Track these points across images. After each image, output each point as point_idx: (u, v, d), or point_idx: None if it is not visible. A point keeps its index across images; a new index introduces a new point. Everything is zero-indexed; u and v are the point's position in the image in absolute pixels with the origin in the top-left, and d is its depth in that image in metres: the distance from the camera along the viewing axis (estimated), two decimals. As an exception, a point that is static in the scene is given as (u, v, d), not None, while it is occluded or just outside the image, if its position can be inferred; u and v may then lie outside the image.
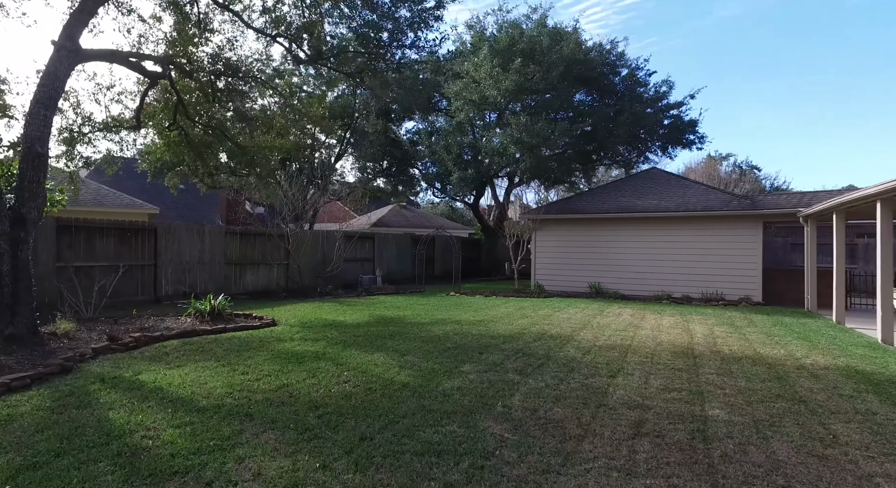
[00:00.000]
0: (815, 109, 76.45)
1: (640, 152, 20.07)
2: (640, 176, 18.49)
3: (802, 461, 3.71)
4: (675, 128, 19.09)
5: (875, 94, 72.37)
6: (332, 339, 8.23)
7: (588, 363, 6.72)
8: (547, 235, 17.05)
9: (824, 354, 7.46)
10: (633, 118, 18.00)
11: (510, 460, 3.67)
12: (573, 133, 16.36)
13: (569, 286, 16.67)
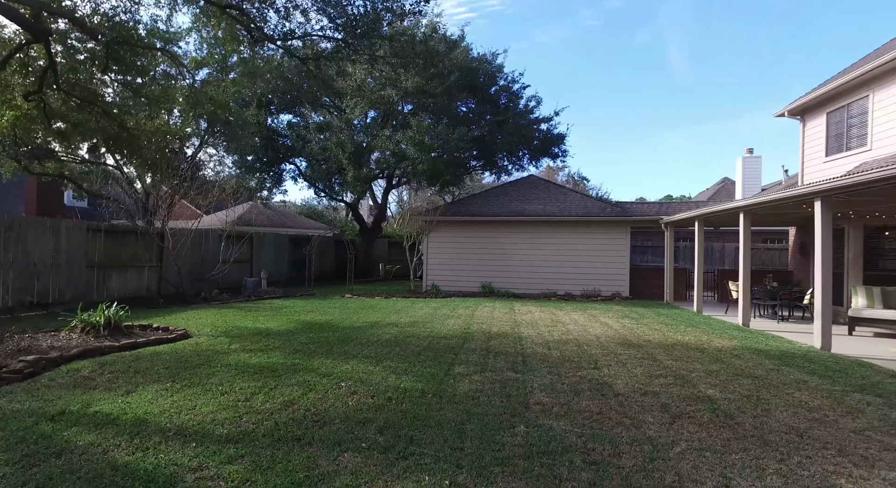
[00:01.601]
0: (624, 133, 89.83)
1: (516, 160, 21.65)
2: (521, 182, 19.97)
3: (802, 420, 4.54)
4: (547, 140, 21.03)
5: (656, 121, 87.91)
6: (281, 349, 7.50)
7: (562, 358, 7.19)
8: (440, 237, 17.47)
9: (720, 338, 9.03)
10: (515, 128, 19.39)
11: (609, 453, 3.86)
12: (468, 138, 17.03)
13: (462, 286, 17.31)
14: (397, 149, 16.26)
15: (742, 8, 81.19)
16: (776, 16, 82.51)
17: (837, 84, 12.67)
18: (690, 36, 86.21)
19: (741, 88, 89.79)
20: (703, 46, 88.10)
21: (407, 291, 17.02)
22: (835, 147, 13.29)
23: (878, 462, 3.78)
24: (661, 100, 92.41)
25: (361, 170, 16.86)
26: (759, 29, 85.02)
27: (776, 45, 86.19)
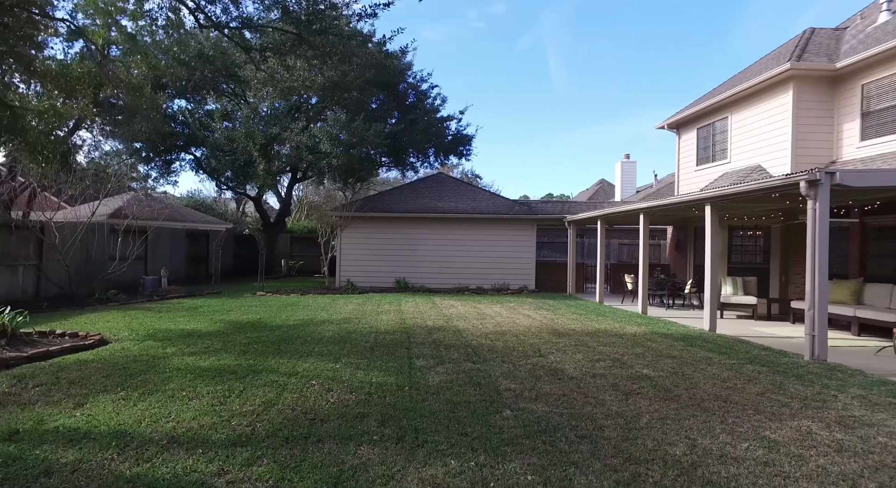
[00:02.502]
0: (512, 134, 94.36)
1: (424, 158, 22.07)
2: (432, 180, 20.45)
3: (722, 389, 5.50)
4: (456, 140, 21.74)
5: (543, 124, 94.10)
6: (226, 351, 7.22)
7: (507, 348, 7.75)
8: (354, 233, 17.38)
9: (630, 325, 10.25)
10: (426, 127, 19.81)
11: (593, 428, 4.40)
12: (383, 135, 17.07)
13: (377, 281, 17.39)
14: (312, 142, 15.84)
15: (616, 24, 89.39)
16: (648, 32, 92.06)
17: (704, 105, 14.78)
18: (568, 45, 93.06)
19: (615, 96, 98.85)
20: (580, 55, 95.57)
21: (322, 288, 16.73)
22: (704, 158, 15.48)
23: (783, 415, 4.76)
24: (542, 103, 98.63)
25: (273, 163, 16.17)
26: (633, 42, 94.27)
27: (650, 57, 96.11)
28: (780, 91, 12.42)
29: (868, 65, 11.16)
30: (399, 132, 18.31)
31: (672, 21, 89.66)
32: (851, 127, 11.63)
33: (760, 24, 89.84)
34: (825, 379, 6.06)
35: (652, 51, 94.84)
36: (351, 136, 15.29)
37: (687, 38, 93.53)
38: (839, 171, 7.10)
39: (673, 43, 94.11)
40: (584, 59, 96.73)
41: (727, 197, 9.16)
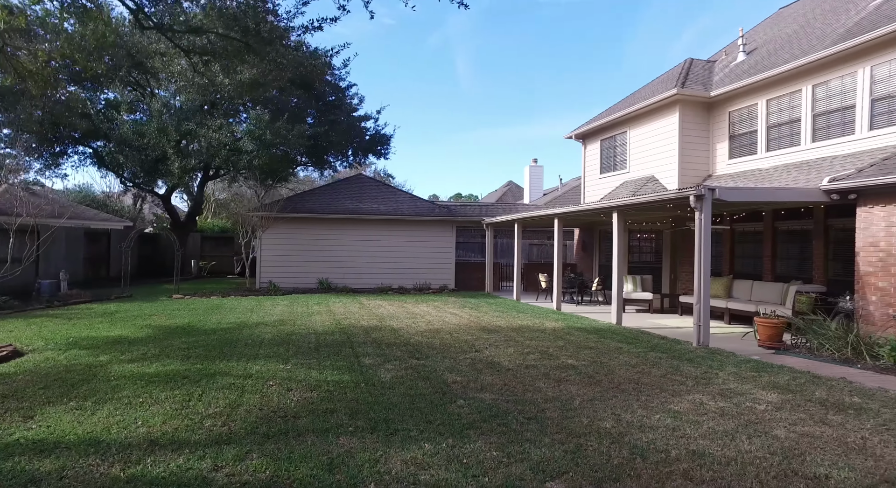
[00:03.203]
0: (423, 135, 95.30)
1: (343, 158, 22.06)
2: (353, 180, 20.56)
3: (633, 373, 6.51)
4: (375, 140, 21.98)
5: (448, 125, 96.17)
6: (167, 356, 7.16)
7: (445, 345, 8.36)
8: (276, 233, 17.11)
9: (548, 320, 11.30)
10: (347, 127, 19.88)
11: (537, 411, 5.12)
12: (305, 136, 16.92)
13: (299, 282, 17.28)
14: (231, 141, 15.36)
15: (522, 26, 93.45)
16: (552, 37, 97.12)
17: (606, 120, 16.42)
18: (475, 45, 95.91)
19: (521, 98, 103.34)
20: (487, 56, 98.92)
21: (242, 289, 16.33)
22: (606, 167, 17.17)
23: (681, 391, 5.81)
24: (450, 102, 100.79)
25: (189, 160, 15.46)
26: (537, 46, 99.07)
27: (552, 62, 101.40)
28: (668, 112, 14.19)
29: (732, 96, 13.15)
30: (322, 133, 18.26)
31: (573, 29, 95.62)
32: (722, 146, 13.63)
33: (651, 33, 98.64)
34: (709, 360, 7.33)
35: (554, 55, 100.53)
36: (274, 137, 15.07)
37: (587, 46, 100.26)
38: (718, 188, 8.51)
39: (574, 51, 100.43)
40: (490, 61, 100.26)
41: (632, 206, 10.47)
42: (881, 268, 8.15)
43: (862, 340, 7.56)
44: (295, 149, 17.33)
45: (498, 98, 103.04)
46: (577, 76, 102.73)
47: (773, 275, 11.61)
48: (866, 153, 9.88)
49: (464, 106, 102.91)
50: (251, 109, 16.24)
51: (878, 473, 3.70)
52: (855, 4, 12.27)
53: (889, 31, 9.52)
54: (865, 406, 5.27)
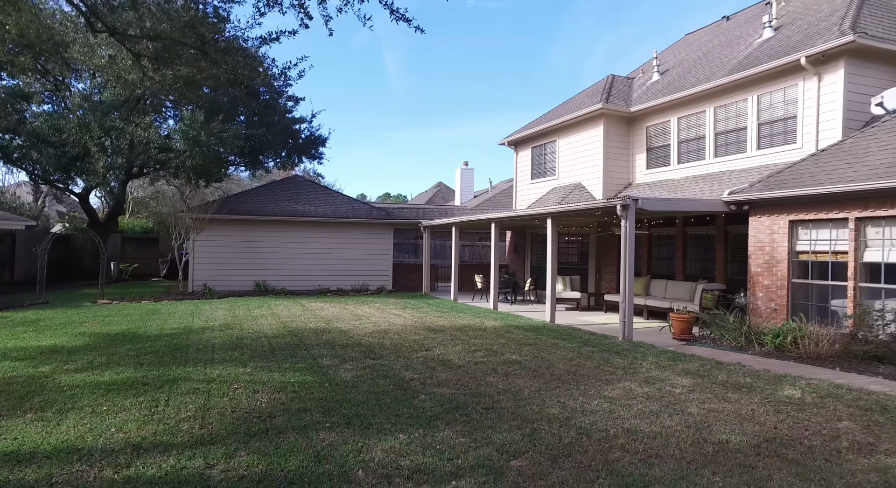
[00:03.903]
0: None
1: (279, 159, 21.69)
2: (286, 182, 20.33)
3: (571, 366, 7.29)
4: (310, 141, 21.81)
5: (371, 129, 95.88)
6: (118, 364, 7.08)
7: (396, 345, 8.79)
8: (210, 234, 16.67)
9: (488, 319, 12.01)
10: (283, 128, 19.63)
11: (492, 402, 5.71)
12: (242, 137, 16.56)
13: (235, 285, 16.94)
14: (162, 140, 14.76)
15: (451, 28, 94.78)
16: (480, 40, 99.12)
17: (537, 129, 17.50)
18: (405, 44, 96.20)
19: (450, 99, 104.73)
20: (418, 58, 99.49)
21: (175, 293, 15.78)
22: (537, 173, 18.26)
23: (612, 380, 6.65)
24: (380, 102, 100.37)
25: (116, 158, 14.67)
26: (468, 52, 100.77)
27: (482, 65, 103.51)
28: (594, 124, 15.42)
29: (649, 112, 14.58)
30: (259, 134, 17.94)
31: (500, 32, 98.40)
32: (641, 158, 15.04)
33: (572, 41, 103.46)
34: (634, 353, 8.31)
35: (482, 58, 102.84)
36: (209, 137, 14.68)
37: (512, 50, 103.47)
38: (641, 199, 9.58)
39: (501, 54, 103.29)
40: (421, 61, 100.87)
41: (565, 213, 11.42)
42: (766, 269, 9.56)
43: (752, 330, 8.87)
44: (230, 150, 16.94)
45: (427, 98, 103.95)
46: (503, 79, 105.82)
47: (684, 275, 13.06)
48: (755, 169, 11.42)
49: (392, 105, 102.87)
50: (184, 109, 15.68)
51: (762, 435, 4.63)
52: (744, 40, 14.00)
53: (768, 67, 11.11)
54: (754, 384, 6.35)
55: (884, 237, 8.05)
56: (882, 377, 6.77)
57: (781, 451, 4.29)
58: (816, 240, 8.94)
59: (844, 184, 8.04)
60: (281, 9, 6.41)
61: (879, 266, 8.11)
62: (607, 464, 4.03)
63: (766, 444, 4.44)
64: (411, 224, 18.77)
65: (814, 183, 8.61)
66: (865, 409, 5.38)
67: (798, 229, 9.21)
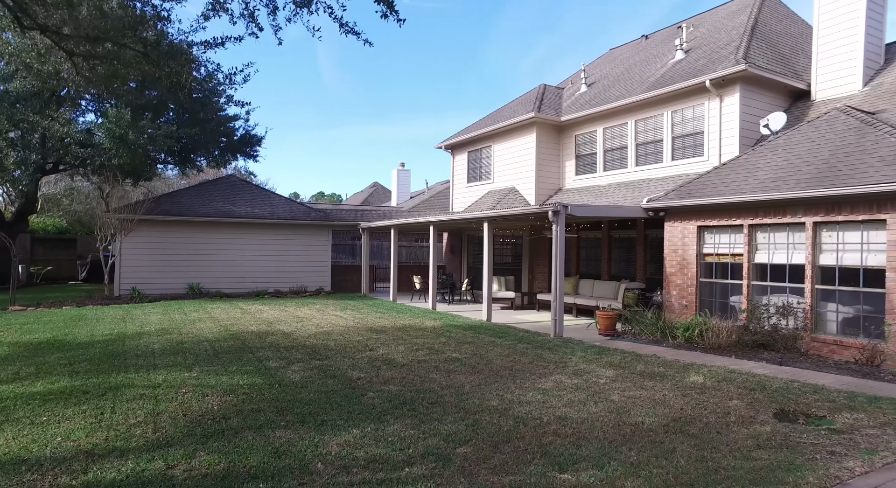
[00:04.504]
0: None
1: (212, 158, 20.97)
2: (221, 182, 19.75)
3: (507, 362, 7.86)
4: (245, 140, 21.26)
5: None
6: (51, 373, 6.88)
7: (340, 345, 9.02)
8: (139, 236, 15.96)
9: (428, 319, 12.43)
10: (217, 125, 19.06)
11: (437, 397, 6.13)
12: (174, 136, 15.94)
13: (166, 288, 16.33)
14: (84, 137, 13.95)
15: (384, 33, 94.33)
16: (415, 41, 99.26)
17: (473, 134, 18.17)
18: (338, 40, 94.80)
19: (386, 99, 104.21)
20: (353, 56, 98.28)
21: (100, 297, 15.01)
22: (473, 177, 18.94)
23: (545, 374, 7.28)
24: (313, 99, 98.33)
25: (30, 154, 13.69)
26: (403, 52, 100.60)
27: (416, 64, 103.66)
28: (527, 132, 16.26)
29: (578, 122, 15.60)
30: (193, 133, 17.33)
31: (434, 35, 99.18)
32: (570, 164, 16.04)
33: (504, 46, 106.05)
34: (564, 348, 9.03)
35: (420, 59, 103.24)
36: (138, 136, 14.06)
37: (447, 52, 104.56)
38: (570, 206, 10.36)
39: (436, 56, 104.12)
40: (355, 59, 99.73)
41: (501, 217, 12.06)
42: (679, 270, 10.65)
43: (667, 325, 9.88)
44: (161, 149, 16.28)
45: (362, 97, 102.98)
46: (439, 81, 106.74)
47: (609, 275, 14.12)
48: (671, 178, 12.61)
49: (326, 103, 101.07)
50: (108, 104, 14.89)
51: (670, 416, 5.38)
52: (661, 59, 15.32)
53: (679, 87, 12.32)
54: (666, 373, 7.20)
55: (769, 241, 9.27)
56: (765, 362, 7.86)
57: (685, 428, 5.02)
58: (719, 244, 10.08)
59: (740, 196, 9.17)
60: (232, 18, 6.48)
61: (766, 266, 9.32)
62: (542, 447, 4.57)
63: (673, 423, 5.16)
64: (350, 225, 18.86)
65: (717, 193, 9.73)
66: (750, 389, 6.32)
67: (705, 234, 10.34)
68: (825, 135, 9.40)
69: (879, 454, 4.42)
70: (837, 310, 8.45)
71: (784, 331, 8.69)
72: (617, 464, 4.17)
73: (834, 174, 8.30)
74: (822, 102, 11.78)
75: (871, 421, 5.26)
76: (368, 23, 19.28)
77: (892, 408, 5.64)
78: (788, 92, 12.37)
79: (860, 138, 8.76)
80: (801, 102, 12.28)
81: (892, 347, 7.58)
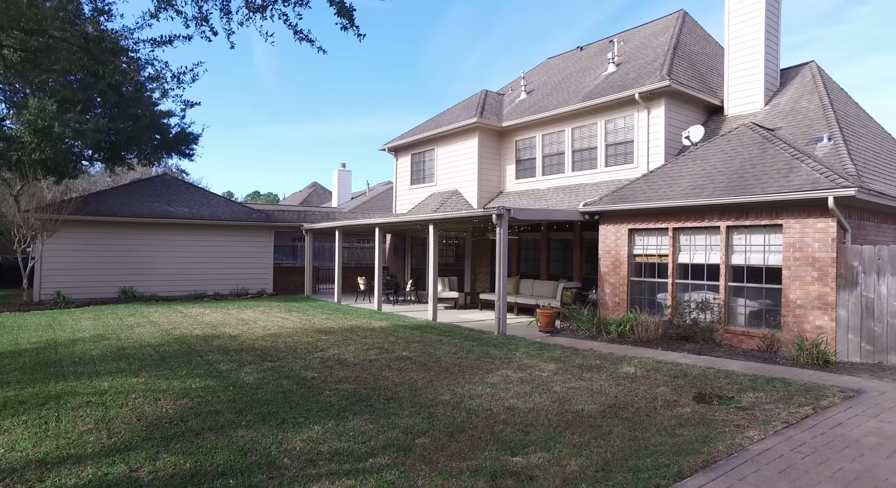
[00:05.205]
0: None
1: (144, 156, 19.93)
2: (155, 181, 18.89)
3: (456, 359, 8.25)
4: (180, 138, 20.40)
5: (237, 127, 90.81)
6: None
7: (290, 347, 9.06)
8: (64, 237, 15.03)
9: (375, 320, 12.61)
10: (151, 121, 18.19)
11: (391, 393, 6.40)
12: (105, 130, 15.05)
13: (96, 292, 15.48)
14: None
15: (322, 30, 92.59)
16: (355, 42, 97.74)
17: (417, 137, 18.50)
18: (277, 38, 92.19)
19: (324, 98, 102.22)
20: (290, 52, 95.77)
21: (17, 303, 14.01)
22: (417, 179, 19.26)
23: (492, 369, 7.72)
24: (248, 95, 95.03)
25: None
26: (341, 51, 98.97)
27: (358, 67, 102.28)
28: (469, 136, 16.78)
29: (518, 128, 16.30)
30: (127, 129, 16.45)
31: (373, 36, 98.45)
32: (511, 168, 16.71)
33: (445, 48, 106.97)
34: (508, 345, 9.54)
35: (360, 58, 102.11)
36: (63, 129, 13.24)
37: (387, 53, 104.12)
38: (513, 209, 10.91)
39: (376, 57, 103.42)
40: (293, 55, 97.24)
41: (446, 220, 12.45)
42: (612, 270, 11.47)
43: (602, 321, 10.64)
44: (88, 145, 15.38)
45: (301, 94, 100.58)
46: (380, 81, 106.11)
47: (548, 275, 14.87)
48: (605, 183, 13.50)
49: (262, 100, 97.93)
50: (26, 94, 13.90)
51: (607, 403, 5.95)
52: (595, 70, 16.31)
53: (611, 98, 13.25)
54: (602, 365, 7.85)
55: (690, 243, 10.23)
56: (687, 352, 8.73)
57: (619, 413, 5.59)
58: (647, 246, 10.97)
59: (665, 202, 10.06)
60: (185, 22, 6.40)
61: (688, 266, 10.28)
62: (494, 435, 4.96)
63: (609, 409, 5.73)
64: (293, 227, 18.64)
65: (645, 199, 10.59)
66: (674, 377, 7.06)
67: (635, 236, 11.21)
68: (736, 148, 10.48)
69: (772, 424, 5.18)
70: (745, 304, 9.48)
71: (703, 325, 9.64)
72: (562, 446, 4.64)
73: (742, 184, 9.31)
74: (733, 118, 13.05)
75: (767, 398, 6.09)
76: (312, 20, 19.12)
77: (783, 387, 6.54)
78: (706, 107, 13.59)
79: (762, 152, 9.86)
80: (717, 117, 13.53)
81: (787, 335, 8.64)
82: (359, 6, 6.42)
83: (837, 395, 6.20)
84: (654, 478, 3.95)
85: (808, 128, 11.10)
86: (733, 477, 4.00)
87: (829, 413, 5.60)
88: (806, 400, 6.02)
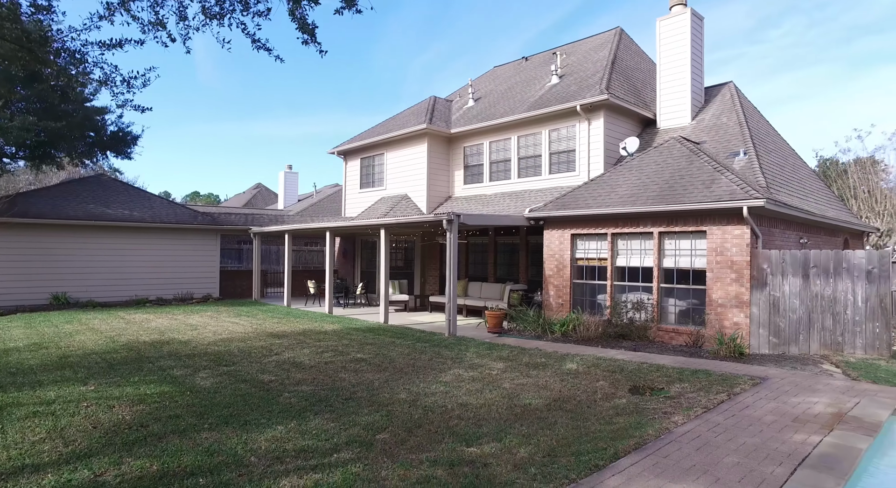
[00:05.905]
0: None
1: (76, 155, 18.94)
2: (90, 181, 18.00)
3: (410, 360, 8.57)
4: (118, 138, 19.53)
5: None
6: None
7: (244, 351, 9.07)
8: (-13, 240, 14.14)
9: (327, 323, 12.71)
10: (83, 119, 17.35)
11: (350, 393, 6.63)
12: (33, 128, 14.26)
13: (24, 298, 14.63)
14: None
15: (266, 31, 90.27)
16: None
17: (366, 142, 18.67)
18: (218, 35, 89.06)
19: (266, 97, 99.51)
20: (232, 50, 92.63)
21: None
22: (366, 183, 19.41)
23: (445, 369, 8.10)
24: (187, 93, 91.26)
25: None
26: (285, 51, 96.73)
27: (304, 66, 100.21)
28: (418, 142, 17.13)
29: (466, 135, 16.82)
30: (59, 128, 15.64)
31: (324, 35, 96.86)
32: (459, 174, 17.20)
33: (392, 50, 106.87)
34: (459, 346, 9.96)
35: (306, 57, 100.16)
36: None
37: (334, 52, 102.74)
38: (462, 215, 11.35)
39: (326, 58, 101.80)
40: (234, 53, 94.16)
41: (398, 224, 12.74)
42: (556, 272, 12.15)
43: (547, 322, 11.26)
44: (12, 142, 14.52)
45: (240, 92, 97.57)
46: (325, 79, 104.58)
47: (495, 278, 15.44)
48: (549, 190, 14.22)
49: (201, 97, 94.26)
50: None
51: (552, 397, 6.47)
52: (539, 81, 17.08)
53: (554, 109, 14.00)
54: (547, 363, 8.40)
55: (627, 248, 11.04)
56: (624, 349, 9.47)
57: (563, 406, 6.11)
58: (588, 249, 11.71)
59: (604, 209, 10.81)
60: (143, 28, 6.36)
61: (625, 269, 11.08)
62: (449, 429, 5.34)
63: (554, 402, 6.24)
64: (240, 230, 18.32)
65: (586, 206, 11.32)
66: (612, 372, 7.70)
67: (577, 241, 11.92)
68: (667, 160, 11.40)
69: (693, 410, 5.86)
70: (675, 304, 10.36)
71: (638, 323, 10.44)
72: (512, 437, 5.07)
73: (673, 193, 10.18)
74: (664, 131, 14.10)
75: (691, 387, 6.82)
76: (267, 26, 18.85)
77: (705, 377, 7.32)
78: (640, 120, 14.60)
79: (689, 164, 10.81)
80: (650, 129, 14.56)
81: (710, 331, 9.55)
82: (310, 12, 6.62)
83: (747, 383, 7.03)
84: (593, 460, 4.44)
85: (728, 143, 12.21)
86: (659, 456, 4.56)
87: (740, 398, 6.37)
88: (722, 388, 6.79)
